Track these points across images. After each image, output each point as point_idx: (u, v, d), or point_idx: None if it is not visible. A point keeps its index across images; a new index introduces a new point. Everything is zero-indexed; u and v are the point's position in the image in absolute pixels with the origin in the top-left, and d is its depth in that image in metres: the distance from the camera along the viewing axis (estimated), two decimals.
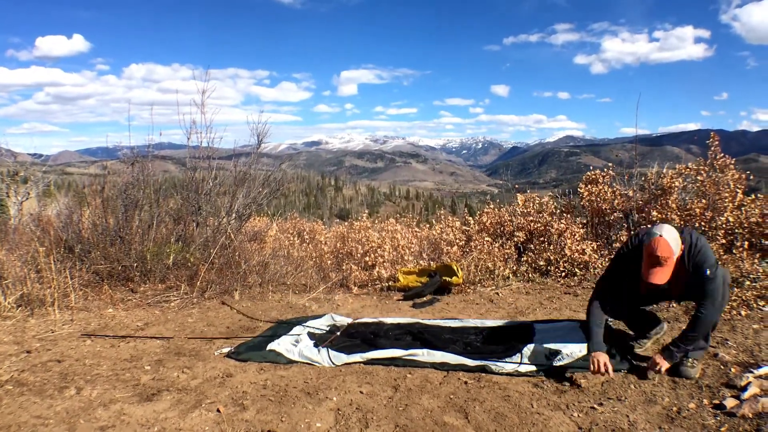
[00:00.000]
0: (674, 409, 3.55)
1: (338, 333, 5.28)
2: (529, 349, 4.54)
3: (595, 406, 3.65)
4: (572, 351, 4.43)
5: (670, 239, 3.94)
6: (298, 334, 5.19)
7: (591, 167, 9.58)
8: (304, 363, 4.61)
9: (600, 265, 7.75)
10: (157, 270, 7.14)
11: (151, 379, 4.23)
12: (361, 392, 3.98)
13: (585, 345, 4.38)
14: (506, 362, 4.39)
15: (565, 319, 5.76)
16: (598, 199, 8.95)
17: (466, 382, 4.13)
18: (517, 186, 11.11)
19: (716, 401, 3.60)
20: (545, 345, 4.59)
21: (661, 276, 3.95)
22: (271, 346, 4.88)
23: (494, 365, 4.34)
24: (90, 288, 6.63)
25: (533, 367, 4.32)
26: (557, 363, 4.33)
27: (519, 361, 4.40)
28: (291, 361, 4.63)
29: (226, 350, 4.87)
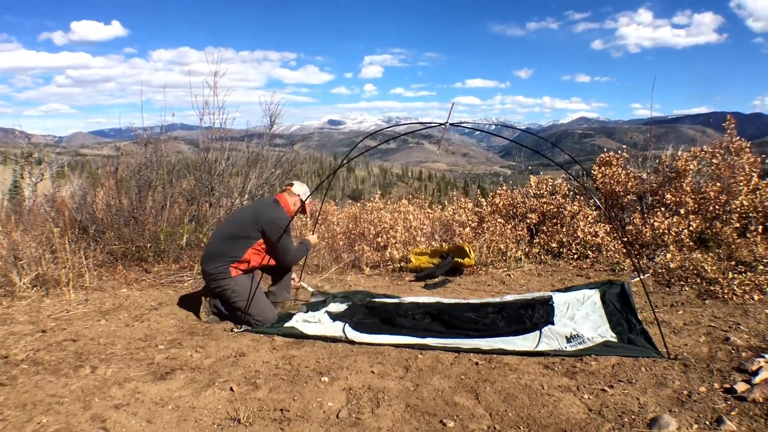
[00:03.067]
0: (685, 392, 3.55)
1: (357, 305, 5.41)
2: (550, 330, 4.54)
3: (606, 388, 3.65)
4: (593, 335, 4.43)
5: None
6: (316, 312, 5.25)
7: (605, 149, 9.50)
8: (317, 340, 4.68)
9: (613, 248, 7.73)
10: (171, 250, 7.20)
11: (165, 358, 4.29)
12: (373, 372, 4.01)
13: (608, 327, 4.55)
14: (524, 342, 4.45)
15: (582, 285, 5.88)
16: (612, 182, 8.89)
17: (477, 363, 4.15)
18: (530, 168, 11.06)
19: (727, 385, 3.60)
20: (566, 327, 4.58)
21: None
22: (288, 324, 4.98)
23: (512, 347, 4.36)
24: (104, 268, 6.70)
25: (551, 349, 4.35)
26: (577, 347, 4.34)
27: (537, 341, 4.43)
28: (305, 335, 4.71)
29: (240, 330, 4.92)
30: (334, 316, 5.18)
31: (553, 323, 4.72)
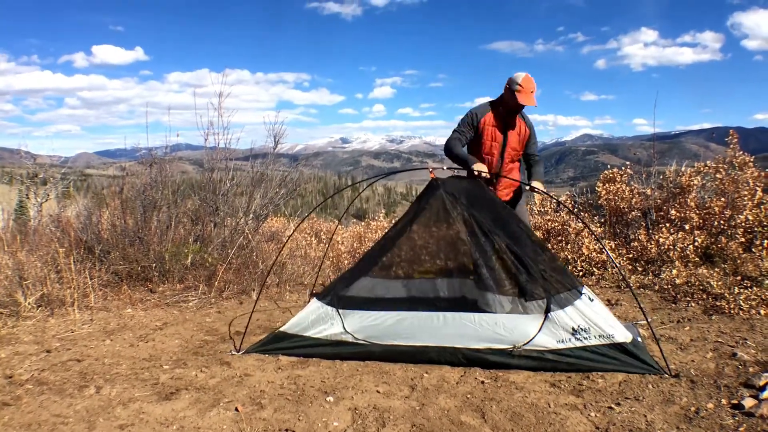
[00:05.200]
0: (692, 409, 3.53)
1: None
2: (557, 315, 4.33)
3: (613, 405, 3.63)
4: (602, 332, 4.26)
5: None
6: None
7: (609, 165, 9.51)
8: (324, 351, 4.67)
9: (618, 264, 7.71)
10: (176, 270, 7.20)
11: (170, 378, 4.27)
12: (378, 391, 3.99)
13: (623, 330, 4.34)
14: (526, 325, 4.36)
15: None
16: (616, 198, 8.89)
17: (483, 382, 4.13)
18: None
19: (735, 401, 3.58)
20: (574, 317, 4.32)
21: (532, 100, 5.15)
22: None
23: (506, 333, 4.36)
24: (109, 288, 6.69)
25: (551, 342, 4.31)
26: (582, 342, 4.26)
27: (539, 328, 4.33)
28: (309, 341, 4.71)
29: (242, 352, 4.86)
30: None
31: (563, 309, 4.36)
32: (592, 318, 4.27)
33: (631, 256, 7.95)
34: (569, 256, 8.01)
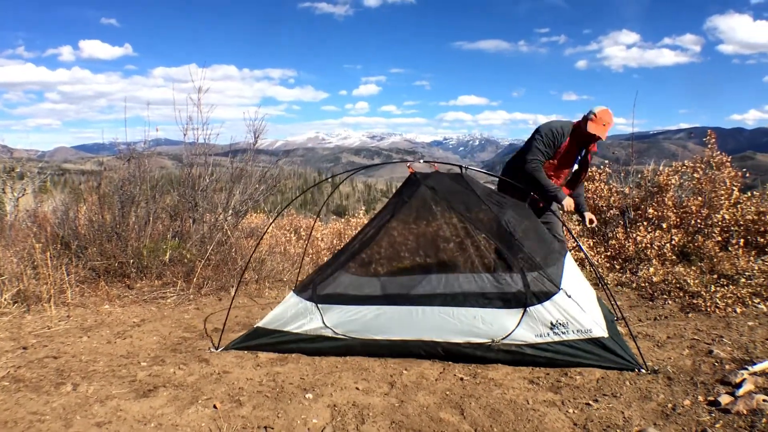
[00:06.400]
0: (669, 405, 3.57)
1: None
2: (536, 310, 4.33)
3: (591, 402, 3.66)
4: (580, 327, 4.27)
5: None
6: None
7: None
8: (303, 346, 4.67)
9: (596, 262, 7.77)
10: (154, 266, 7.13)
11: (148, 376, 4.23)
12: (358, 388, 3.99)
13: (603, 324, 4.36)
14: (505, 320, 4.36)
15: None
16: (595, 196, 8.97)
17: (462, 379, 4.14)
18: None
19: (711, 398, 3.63)
20: (553, 312, 4.30)
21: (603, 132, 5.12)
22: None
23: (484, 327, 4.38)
24: (86, 284, 6.61)
25: (530, 337, 4.32)
26: (557, 338, 4.28)
27: (518, 322, 4.33)
28: (288, 336, 4.68)
29: (221, 349, 4.82)
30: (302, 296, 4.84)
31: (542, 303, 4.34)
32: (570, 312, 4.28)
33: (609, 254, 8.03)
34: None
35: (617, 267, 7.77)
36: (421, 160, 5.18)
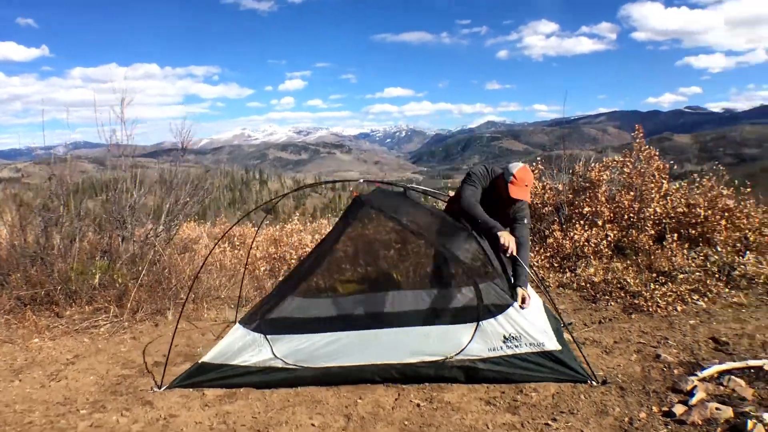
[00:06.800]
0: (626, 419, 3.61)
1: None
2: (489, 324, 4.32)
3: (549, 422, 3.65)
4: (532, 341, 4.28)
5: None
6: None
7: (511, 150, 9.68)
8: (252, 380, 4.45)
9: (536, 263, 7.81)
10: (83, 291, 6.76)
11: (89, 426, 3.93)
12: (313, 425, 3.83)
13: (551, 333, 4.39)
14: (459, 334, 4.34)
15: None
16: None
17: (418, 405, 4.05)
18: (441, 173, 11.11)
19: (665, 408, 3.69)
20: (508, 324, 4.30)
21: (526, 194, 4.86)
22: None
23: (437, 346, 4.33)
24: (12, 315, 6.22)
25: (483, 351, 4.30)
26: (513, 350, 4.27)
27: (471, 337, 4.30)
28: (236, 370, 4.48)
29: (164, 388, 4.51)
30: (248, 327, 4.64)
31: (495, 317, 4.33)
32: (522, 326, 4.29)
33: (548, 254, 8.10)
34: None
35: (556, 265, 7.84)
36: (362, 180, 5.13)
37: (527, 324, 4.31)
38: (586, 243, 7.79)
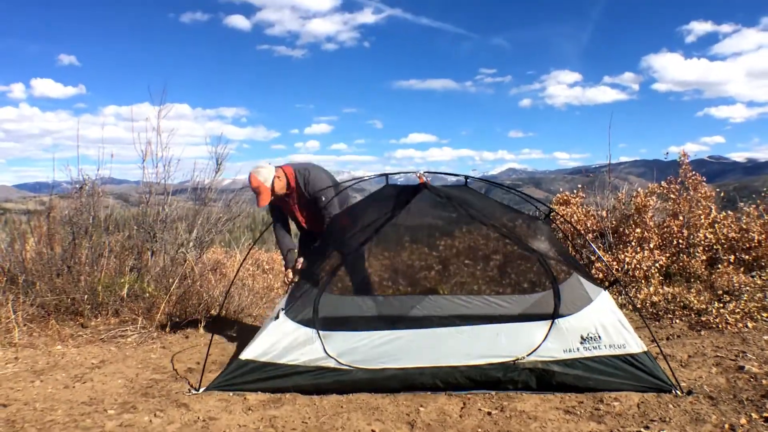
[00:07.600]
0: (726, 426, 3.29)
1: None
2: (565, 322, 3.98)
3: (642, 429, 3.26)
4: (612, 342, 3.91)
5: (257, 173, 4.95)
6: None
7: (533, 197, 9.43)
8: (299, 381, 4.03)
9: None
10: (110, 303, 6.43)
11: (118, 426, 3.54)
12: (373, 431, 3.40)
13: (632, 332, 4.00)
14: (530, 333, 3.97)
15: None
16: (572, 220, 8.70)
17: (489, 413, 3.62)
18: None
19: (766, 414, 3.38)
20: (584, 324, 3.97)
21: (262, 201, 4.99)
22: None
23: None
24: (35, 323, 5.89)
25: (558, 351, 3.92)
26: (588, 353, 3.89)
27: (545, 336, 3.94)
28: (282, 369, 4.04)
29: (202, 390, 4.09)
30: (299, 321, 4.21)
31: (574, 315, 4.02)
32: (604, 324, 3.94)
33: (598, 277, 7.71)
34: None
35: (614, 289, 7.45)
36: (421, 171, 4.66)
37: (608, 323, 3.94)
38: (637, 266, 7.39)
